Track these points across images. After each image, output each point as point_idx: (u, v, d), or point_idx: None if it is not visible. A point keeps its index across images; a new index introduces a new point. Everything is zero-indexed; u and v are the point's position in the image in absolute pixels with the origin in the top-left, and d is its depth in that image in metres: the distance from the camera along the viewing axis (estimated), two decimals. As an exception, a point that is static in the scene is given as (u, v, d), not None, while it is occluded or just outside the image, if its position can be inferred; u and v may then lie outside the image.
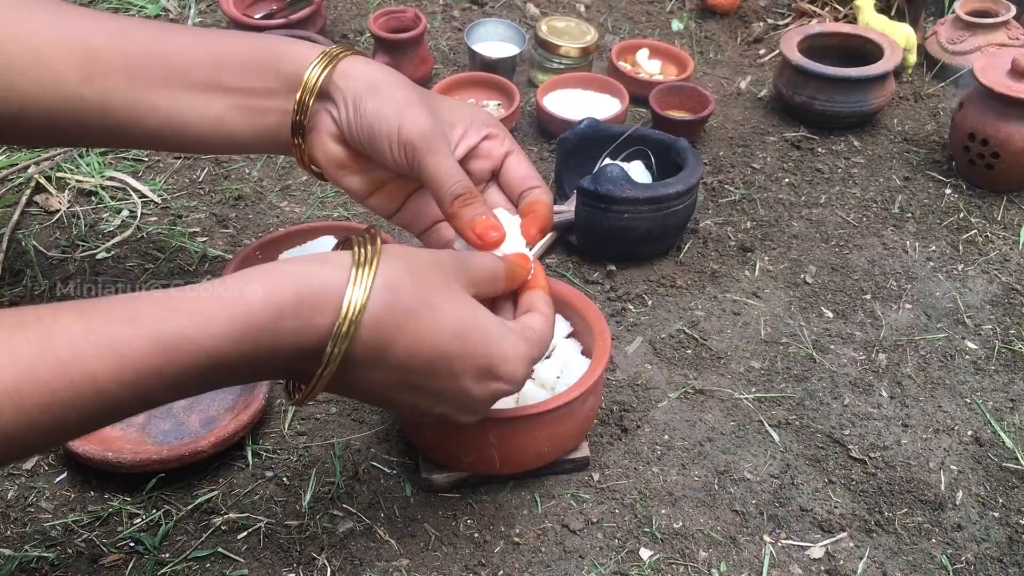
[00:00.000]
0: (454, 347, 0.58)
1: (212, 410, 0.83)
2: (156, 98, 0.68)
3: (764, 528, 0.77)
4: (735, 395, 0.88)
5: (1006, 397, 0.90)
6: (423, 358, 0.57)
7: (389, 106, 0.65)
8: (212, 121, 0.70)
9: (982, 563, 0.75)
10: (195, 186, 1.12)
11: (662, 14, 1.53)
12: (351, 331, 0.54)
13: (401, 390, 0.59)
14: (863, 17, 1.36)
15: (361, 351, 0.55)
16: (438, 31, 1.46)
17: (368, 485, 0.79)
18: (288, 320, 0.53)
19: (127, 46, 0.68)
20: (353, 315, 0.54)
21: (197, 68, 0.68)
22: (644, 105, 1.25)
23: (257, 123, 0.70)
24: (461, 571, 0.73)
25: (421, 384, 0.59)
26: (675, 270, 1.03)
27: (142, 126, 0.70)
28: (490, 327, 0.60)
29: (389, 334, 0.56)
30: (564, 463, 0.79)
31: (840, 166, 1.21)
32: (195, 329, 0.51)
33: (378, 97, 0.65)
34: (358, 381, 0.58)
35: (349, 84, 0.66)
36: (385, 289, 0.55)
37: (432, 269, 0.59)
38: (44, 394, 0.48)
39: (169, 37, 0.69)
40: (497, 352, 0.60)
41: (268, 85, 0.69)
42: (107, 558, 0.73)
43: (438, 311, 0.57)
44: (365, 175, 0.71)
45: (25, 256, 1.00)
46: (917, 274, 1.04)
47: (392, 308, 0.55)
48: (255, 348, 0.53)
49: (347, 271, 0.55)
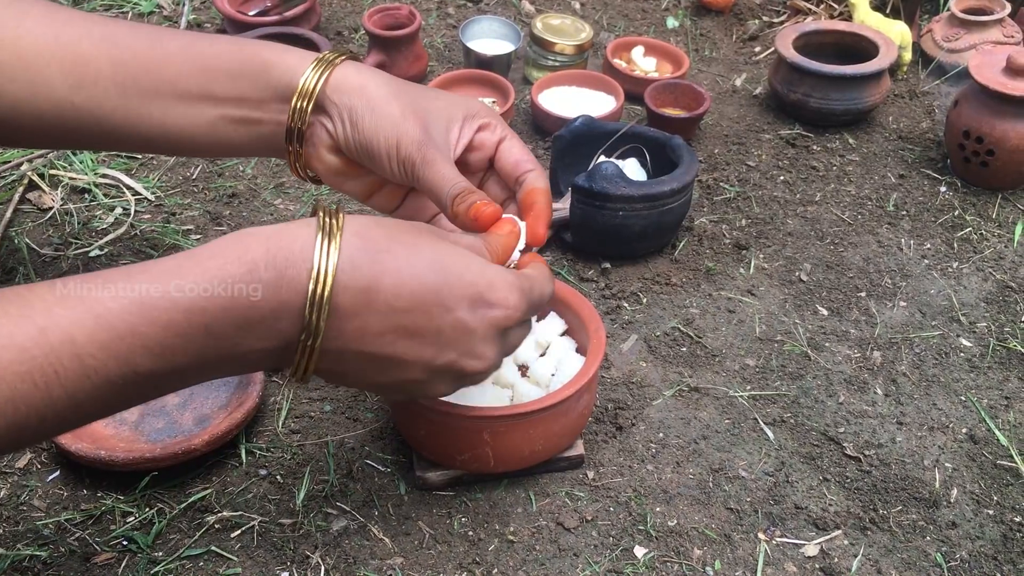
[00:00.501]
0: (437, 279, 0.57)
1: (205, 408, 0.83)
2: (148, 107, 0.68)
3: (759, 526, 0.77)
4: (730, 393, 0.88)
5: (1000, 395, 0.90)
6: (410, 293, 0.56)
7: (385, 122, 0.65)
8: (205, 129, 0.70)
9: (976, 561, 0.75)
10: (189, 183, 1.12)
11: (657, 11, 1.53)
12: (329, 272, 0.53)
13: (400, 340, 0.57)
14: (858, 15, 1.36)
15: (346, 296, 0.54)
16: (433, 28, 1.46)
17: (362, 483, 0.79)
18: (262, 271, 0.53)
19: (116, 54, 0.68)
20: (327, 258, 0.53)
21: (186, 78, 0.68)
22: (639, 102, 1.25)
23: (251, 131, 0.70)
24: (455, 569, 0.73)
25: (417, 326, 0.57)
26: (670, 268, 1.03)
27: (136, 132, 0.70)
28: (470, 258, 0.59)
29: (369, 273, 0.55)
30: (559, 461, 0.79)
31: (835, 164, 1.20)
32: (168, 284, 0.51)
33: (374, 114, 0.66)
34: (353, 337, 0.56)
35: (343, 100, 0.66)
36: (354, 235, 0.55)
37: (400, 224, 0.59)
38: (23, 360, 0.47)
39: (158, 44, 0.69)
40: (482, 279, 0.59)
41: (259, 95, 0.68)
42: (100, 557, 0.72)
43: (412, 247, 0.57)
44: (364, 179, 0.71)
45: (18, 254, 0.99)
46: (912, 272, 1.04)
47: (365, 248, 0.55)
48: (232, 304, 0.52)
49: (313, 227, 0.55)
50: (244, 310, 0.53)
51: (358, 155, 0.68)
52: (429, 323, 0.57)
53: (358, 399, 0.86)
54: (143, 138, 0.70)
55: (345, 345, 0.56)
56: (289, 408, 0.85)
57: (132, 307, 0.50)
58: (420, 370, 0.59)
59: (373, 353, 0.57)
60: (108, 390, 0.51)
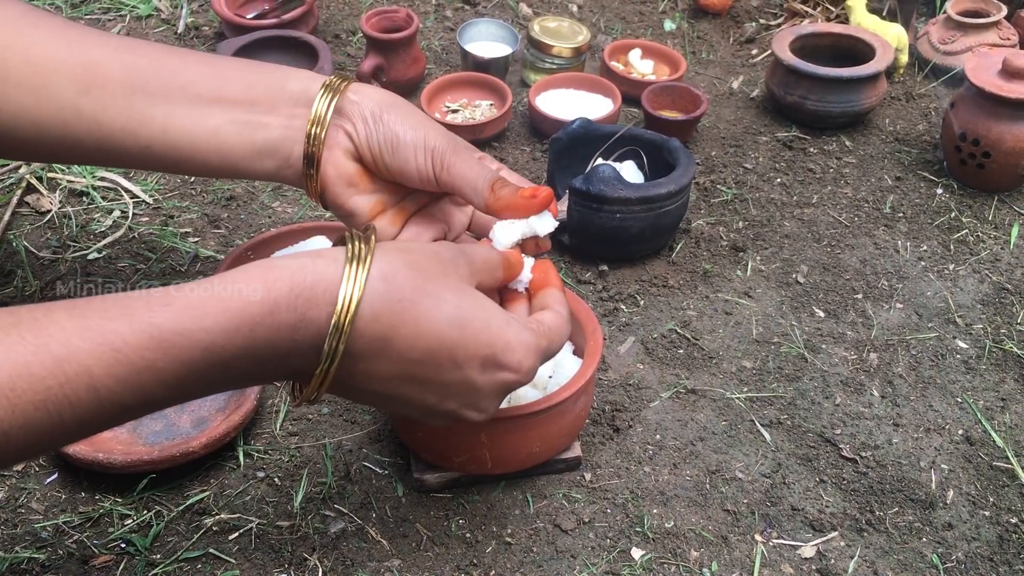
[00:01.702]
0: (454, 335, 0.57)
1: (203, 411, 0.83)
2: (153, 110, 0.68)
3: (755, 527, 0.77)
4: (727, 395, 0.89)
5: (996, 396, 0.90)
6: (424, 347, 0.57)
7: (413, 117, 0.67)
8: (208, 134, 0.69)
9: (972, 562, 0.75)
10: (187, 186, 1.12)
11: (654, 14, 1.53)
12: (348, 322, 0.54)
13: (405, 384, 0.58)
14: (855, 17, 1.36)
15: (361, 342, 0.55)
16: (430, 31, 1.46)
17: (360, 485, 0.79)
18: (283, 313, 0.53)
19: (130, 59, 0.68)
20: (349, 305, 0.54)
21: (200, 80, 0.68)
22: (636, 105, 1.26)
23: (256, 137, 0.69)
24: (453, 571, 0.73)
25: (425, 376, 0.58)
26: (667, 270, 1.03)
27: (135, 138, 0.69)
28: (492, 314, 0.59)
29: (388, 323, 0.55)
30: (556, 463, 0.80)
31: (832, 166, 1.21)
32: (190, 323, 0.51)
33: (398, 111, 0.67)
34: (361, 377, 0.57)
35: (364, 100, 0.67)
36: (380, 279, 0.55)
37: (429, 260, 0.59)
38: (38, 391, 0.47)
39: (175, 52, 0.70)
40: (499, 340, 0.59)
41: (272, 98, 0.68)
42: (98, 559, 0.72)
43: (437, 299, 0.57)
44: (371, 196, 0.70)
45: (16, 257, 0.99)
46: (908, 274, 1.04)
47: (388, 298, 0.55)
48: (251, 343, 0.53)
49: (341, 264, 0.55)
50: (262, 350, 0.53)
51: (380, 150, 0.67)
52: (437, 376, 0.58)
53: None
54: (141, 145, 0.69)
55: (351, 381, 0.57)
56: (287, 411, 0.85)
57: (151, 344, 0.50)
58: (418, 410, 0.61)
59: (376, 392, 0.59)
60: (118, 414, 0.52)
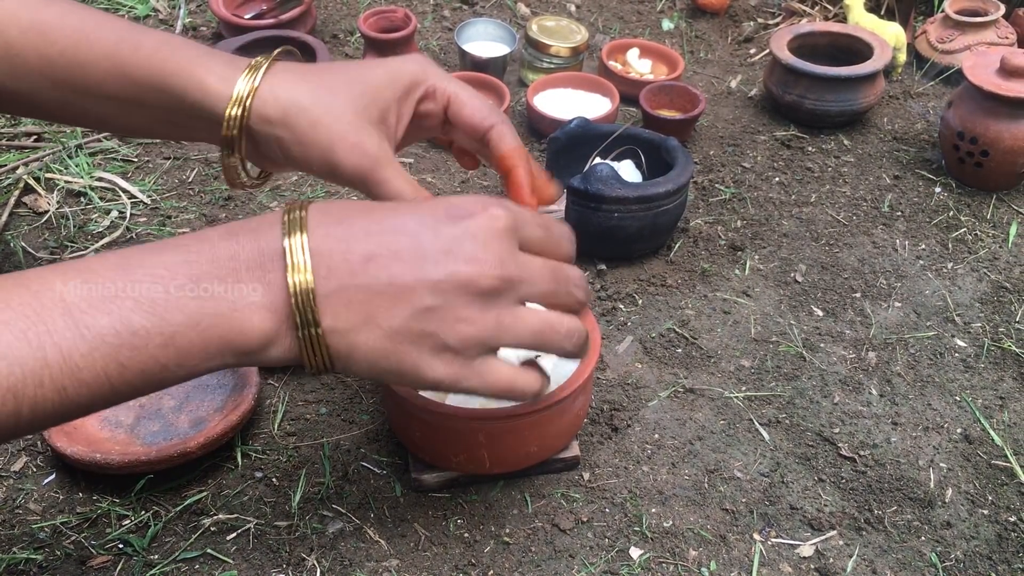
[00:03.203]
0: (408, 207, 0.58)
1: (201, 411, 0.83)
2: (83, 103, 0.68)
3: (754, 527, 0.77)
4: (725, 394, 0.88)
5: (995, 395, 0.90)
6: (381, 217, 0.56)
7: (314, 152, 0.64)
8: (146, 126, 0.70)
9: (971, 560, 0.75)
10: (185, 187, 1.12)
11: (652, 13, 1.53)
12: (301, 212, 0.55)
13: (391, 263, 0.55)
14: (853, 16, 1.36)
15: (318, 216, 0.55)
16: (428, 31, 1.46)
17: (358, 485, 0.79)
18: (237, 227, 0.55)
19: (44, 50, 0.66)
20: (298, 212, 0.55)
21: (113, 83, 0.66)
22: (634, 104, 1.26)
23: (190, 135, 0.70)
24: (451, 571, 0.73)
25: (400, 245, 0.55)
26: (665, 269, 1.03)
27: (78, 121, 0.73)
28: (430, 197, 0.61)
29: (338, 215, 0.56)
30: (554, 462, 0.79)
31: (830, 165, 1.21)
32: (146, 249, 0.53)
33: (302, 145, 0.64)
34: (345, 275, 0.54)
35: (269, 131, 0.64)
36: (319, 204, 0.57)
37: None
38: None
39: (84, 43, 0.67)
40: (444, 200, 0.58)
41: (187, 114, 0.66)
42: (95, 560, 0.72)
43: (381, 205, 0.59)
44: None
45: (14, 257, 0.99)
46: (907, 272, 1.04)
47: (331, 202, 0.57)
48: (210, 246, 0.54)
49: (279, 211, 0.56)
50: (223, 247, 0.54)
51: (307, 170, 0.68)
52: (412, 241, 0.56)
53: (354, 401, 0.86)
54: (88, 125, 0.74)
55: (340, 282, 0.54)
56: (285, 411, 0.85)
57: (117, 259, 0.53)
58: (427, 292, 0.56)
59: (369, 285, 0.55)
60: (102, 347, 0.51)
